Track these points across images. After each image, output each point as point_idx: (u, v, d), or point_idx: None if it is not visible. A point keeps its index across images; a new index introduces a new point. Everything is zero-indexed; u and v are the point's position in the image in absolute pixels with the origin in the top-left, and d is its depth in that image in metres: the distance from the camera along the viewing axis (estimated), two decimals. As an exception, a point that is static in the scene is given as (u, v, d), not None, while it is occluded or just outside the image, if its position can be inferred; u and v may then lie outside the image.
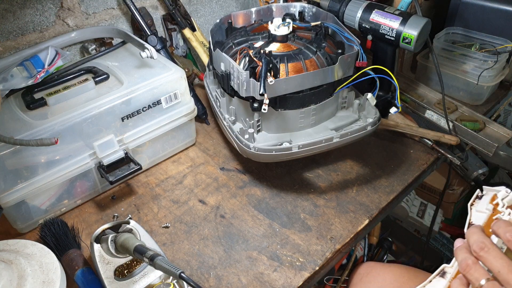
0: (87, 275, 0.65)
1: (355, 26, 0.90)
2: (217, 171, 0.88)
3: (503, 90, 1.12)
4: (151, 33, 0.95)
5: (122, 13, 1.02)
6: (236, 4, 1.23)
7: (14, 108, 0.75)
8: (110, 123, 0.77)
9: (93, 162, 0.77)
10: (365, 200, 0.80)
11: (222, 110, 0.87)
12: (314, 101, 0.80)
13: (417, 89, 1.08)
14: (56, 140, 0.63)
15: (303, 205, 0.80)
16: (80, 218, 0.79)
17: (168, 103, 0.83)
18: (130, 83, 0.79)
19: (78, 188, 0.79)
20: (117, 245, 0.63)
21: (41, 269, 0.60)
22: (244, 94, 0.76)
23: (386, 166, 0.88)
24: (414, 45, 0.82)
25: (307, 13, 0.96)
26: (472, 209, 0.54)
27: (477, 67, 1.01)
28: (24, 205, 0.73)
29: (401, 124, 0.94)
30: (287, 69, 0.76)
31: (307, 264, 0.69)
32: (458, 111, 1.02)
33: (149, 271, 0.64)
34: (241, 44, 0.84)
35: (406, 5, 0.92)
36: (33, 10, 0.88)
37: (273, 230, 0.75)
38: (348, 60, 0.78)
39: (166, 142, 0.89)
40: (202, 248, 0.73)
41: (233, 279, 0.68)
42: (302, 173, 0.86)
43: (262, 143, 0.80)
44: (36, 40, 0.91)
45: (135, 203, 0.82)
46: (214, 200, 0.81)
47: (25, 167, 0.70)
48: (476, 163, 1.19)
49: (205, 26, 1.18)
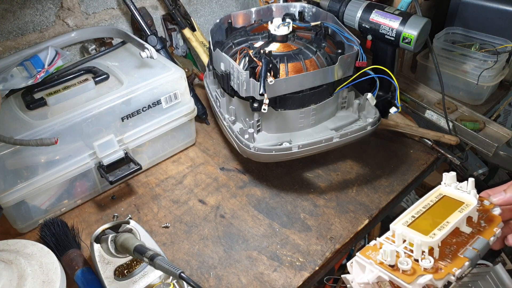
0: (87, 275, 0.65)
1: (355, 26, 0.90)
2: (217, 171, 0.88)
3: (503, 90, 1.12)
4: (151, 33, 0.95)
5: (122, 13, 1.02)
6: (236, 4, 1.23)
7: (14, 108, 0.75)
8: (110, 123, 0.77)
9: (93, 162, 0.77)
10: (365, 200, 0.80)
11: (222, 110, 0.87)
12: (314, 101, 0.80)
13: (417, 89, 1.08)
14: (56, 140, 0.63)
15: (303, 205, 0.80)
16: (80, 218, 0.79)
17: (168, 103, 0.83)
18: (130, 83, 0.79)
19: (78, 188, 0.79)
20: (117, 245, 0.63)
21: (41, 269, 0.60)
22: (244, 94, 0.76)
23: (386, 166, 0.88)
24: (414, 45, 0.82)
25: (307, 13, 0.96)
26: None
27: (477, 67, 1.01)
28: (24, 205, 0.73)
29: (401, 124, 0.94)
30: (287, 69, 0.76)
31: (307, 264, 0.69)
32: (458, 111, 1.02)
33: (149, 271, 0.64)
34: (241, 44, 0.84)
35: (406, 5, 0.92)
36: (33, 10, 0.88)
37: (273, 230, 0.75)
38: (348, 60, 0.78)
39: (166, 142, 0.89)
40: (202, 248, 0.73)
41: (233, 279, 0.68)
42: (302, 173, 0.86)
43: (262, 143, 0.80)
44: (36, 40, 0.91)
45: (135, 203, 0.82)
46: (214, 200, 0.81)
47: (25, 167, 0.71)
48: (476, 163, 1.19)
49: (205, 26, 1.18)
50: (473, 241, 0.49)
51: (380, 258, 0.47)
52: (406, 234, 0.48)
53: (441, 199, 0.54)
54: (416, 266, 0.45)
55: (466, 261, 0.46)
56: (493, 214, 0.53)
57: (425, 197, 0.54)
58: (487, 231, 0.50)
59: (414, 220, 0.50)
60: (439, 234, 0.47)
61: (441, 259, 0.46)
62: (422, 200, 0.54)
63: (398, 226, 0.50)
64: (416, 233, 0.47)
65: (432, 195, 0.55)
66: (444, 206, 0.53)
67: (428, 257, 0.46)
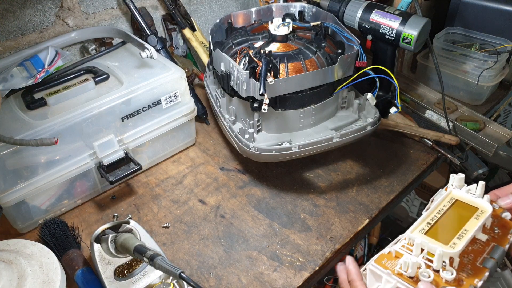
0: (87, 275, 0.65)
1: (355, 26, 0.90)
2: (217, 171, 0.88)
3: (503, 90, 1.12)
4: (151, 33, 0.95)
5: (122, 13, 1.02)
6: (236, 4, 1.23)
7: (14, 108, 0.75)
8: (110, 123, 0.77)
9: (93, 162, 0.77)
10: (365, 200, 0.80)
11: (222, 110, 0.87)
12: (314, 101, 0.80)
13: (417, 89, 1.08)
14: (56, 140, 0.63)
15: (303, 205, 0.80)
16: (80, 218, 0.79)
17: (168, 103, 0.83)
18: (130, 83, 0.79)
19: (78, 188, 0.79)
20: (117, 245, 0.63)
21: (41, 269, 0.60)
22: (244, 94, 0.76)
23: (386, 166, 0.88)
24: (414, 45, 0.82)
25: (307, 13, 0.96)
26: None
27: (477, 67, 1.01)
28: (24, 205, 0.73)
29: (401, 124, 0.94)
30: (287, 69, 0.76)
31: (307, 264, 0.69)
32: (458, 111, 1.02)
33: (149, 271, 0.64)
34: (241, 44, 0.84)
35: (406, 5, 0.92)
36: (33, 10, 0.88)
37: (273, 230, 0.75)
38: (348, 60, 0.78)
39: (166, 142, 0.89)
40: (202, 248, 0.73)
41: (233, 279, 0.68)
42: (302, 173, 0.86)
43: (262, 143, 0.80)
44: (36, 40, 0.91)
45: (135, 203, 0.82)
46: (214, 200, 0.81)
47: (25, 167, 0.71)
48: (476, 163, 1.18)
49: (205, 26, 1.18)
50: (489, 249, 0.48)
51: (398, 269, 0.46)
52: (425, 244, 0.47)
53: (454, 203, 0.53)
54: (437, 277, 0.45)
55: (486, 271, 0.45)
56: (505, 219, 0.53)
57: (437, 202, 0.54)
58: (502, 238, 0.50)
59: (431, 228, 0.50)
60: (459, 244, 0.46)
61: (460, 270, 0.46)
62: (435, 205, 0.53)
63: (416, 234, 0.49)
64: (436, 243, 0.47)
65: (444, 199, 0.54)
66: (458, 211, 0.52)
67: (450, 268, 0.45)
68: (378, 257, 0.49)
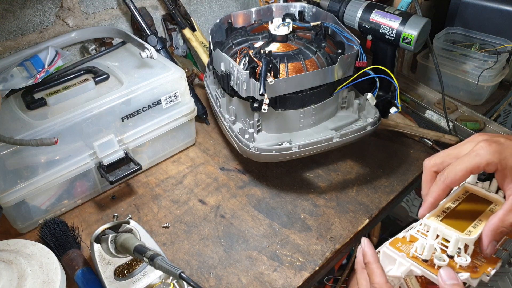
0: (87, 275, 0.65)
1: (355, 26, 0.90)
2: (217, 171, 0.88)
3: (503, 90, 1.12)
4: (151, 33, 0.95)
5: (122, 13, 1.02)
6: (236, 4, 1.23)
7: (14, 108, 0.75)
8: (110, 123, 0.77)
9: (93, 162, 0.77)
10: (365, 200, 0.80)
11: (222, 110, 0.87)
12: (314, 101, 0.80)
13: (417, 89, 1.08)
14: (56, 140, 0.63)
15: (303, 205, 0.80)
16: (80, 218, 0.79)
17: (168, 103, 0.83)
18: (130, 83, 0.79)
19: (78, 188, 0.79)
20: (117, 245, 0.63)
21: (41, 269, 0.60)
22: (244, 94, 0.76)
23: (386, 166, 0.88)
24: (414, 45, 0.82)
25: (307, 13, 0.96)
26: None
27: (477, 67, 1.01)
28: (24, 205, 0.73)
29: (401, 124, 0.94)
30: (287, 69, 0.76)
31: (307, 264, 0.69)
32: (458, 111, 1.02)
33: (149, 271, 0.64)
34: (241, 44, 0.84)
35: (406, 5, 0.92)
36: (33, 10, 0.88)
37: (273, 230, 0.75)
38: (348, 60, 0.78)
39: (166, 142, 0.89)
40: (202, 248, 0.73)
41: (233, 279, 0.68)
42: (302, 173, 0.86)
43: (262, 143, 0.80)
44: (36, 40, 0.91)
45: (135, 203, 0.82)
46: (214, 200, 0.81)
47: (25, 167, 0.70)
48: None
49: (205, 26, 1.18)
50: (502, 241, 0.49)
51: (413, 252, 0.46)
52: (441, 230, 0.47)
53: (468, 196, 0.54)
54: (452, 263, 0.45)
55: (499, 261, 0.46)
56: None
57: (452, 193, 0.54)
58: None
59: (446, 216, 0.50)
60: (475, 232, 0.47)
61: (474, 258, 0.46)
62: (450, 196, 0.54)
63: (432, 221, 0.49)
64: (452, 230, 0.47)
65: (459, 192, 0.55)
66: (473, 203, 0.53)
67: (464, 254, 0.45)
68: (392, 241, 0.50)
